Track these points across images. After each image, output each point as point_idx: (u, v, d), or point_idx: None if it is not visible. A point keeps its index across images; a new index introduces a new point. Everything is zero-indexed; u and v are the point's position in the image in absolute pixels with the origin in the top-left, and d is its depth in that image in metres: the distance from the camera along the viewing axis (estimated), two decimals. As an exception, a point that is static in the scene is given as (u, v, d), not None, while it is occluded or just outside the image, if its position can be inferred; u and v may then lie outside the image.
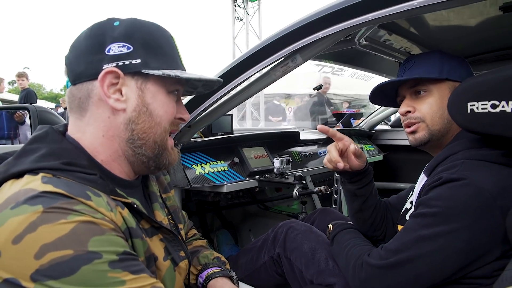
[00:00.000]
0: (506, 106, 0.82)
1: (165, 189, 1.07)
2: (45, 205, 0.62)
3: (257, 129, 3.26)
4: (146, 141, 0.81)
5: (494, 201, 0.86)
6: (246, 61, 1.18)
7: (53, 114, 1.36)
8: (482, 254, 0.88)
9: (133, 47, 0.77)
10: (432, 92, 1.12)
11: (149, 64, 0.78)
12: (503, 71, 0.84)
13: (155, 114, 0.81)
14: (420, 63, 1.15)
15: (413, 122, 1.15)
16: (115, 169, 0.83)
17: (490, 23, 1.35)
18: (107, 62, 0.76)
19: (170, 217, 1.01)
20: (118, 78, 0.76)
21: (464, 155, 0.98)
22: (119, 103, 0.77)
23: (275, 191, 2.29)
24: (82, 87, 0.78)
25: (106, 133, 0.79)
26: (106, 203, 0.70)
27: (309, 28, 1.04)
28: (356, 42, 1.37)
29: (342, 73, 2.14)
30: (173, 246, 0.90)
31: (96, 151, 0.80)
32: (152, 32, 0.81)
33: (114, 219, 0.69)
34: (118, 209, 0.72)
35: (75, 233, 0.62)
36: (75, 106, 0.80)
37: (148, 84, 0.80)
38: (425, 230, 0.92)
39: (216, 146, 1.79)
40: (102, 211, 0.67)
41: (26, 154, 0.73)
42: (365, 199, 1.29)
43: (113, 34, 0.77)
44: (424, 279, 0.93)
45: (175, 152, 0.91)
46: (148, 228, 0.83)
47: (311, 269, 1.26)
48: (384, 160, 2.92)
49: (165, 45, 0.82)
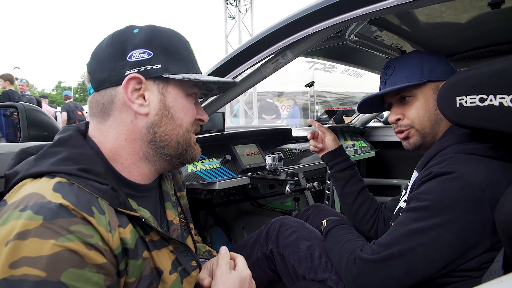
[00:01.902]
0: (494, 100, 0.83)
1: (180, 187, 1.09)
2: (45, 218, 0.62)
3: (250, 126, 3.25)
4: (169, 143, 0.84)
5: (482, 194, 0.87)
6: (237, 58, 1.18)
7: (42, 112, 1.34)
8: (472, 246, 0.89)
9: (153, 53, 0.79)
10: (417, 96, 1.15)
11: (169, 68, 0.80)
12: (491, 65, 0.84)
13: (176, 116, 0.83)
14: (400, 69, 1.17)
15: (403, 130, 1.18)
16: (133, 172, 0.84)
17: (479, 20, 1.36)
18: (129, 69, 0.78)
19: (182, 216, 1.02)
20: (141, 84, 0.79)
21: (453, 150, 1.00)
22: (143, 107, 0.79)
23: (268, 188, 2.29)
24: (106, 93, 0.80)
25: (129, 136, 0.81)
26: (107, 222, 0.70)
27: (299, 24, 1.05)
28: (346, 38, 1.37)
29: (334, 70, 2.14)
30: (185, 256, 0.90)
31: (118, 154, 0.81)
32: (171, 38, 0.83)
33: (110, 241, 0.69)
34: (118, 230, 0.72)
35: (56, 259, 0.61)
36: (98, 111, 0.81)
37: (169, 88, 0.82)
38: (416, 224, 0.93)
39: (208, 143, 1.79)
40: (101, 230, 0.68)
41: (48, 156, 0.74)
42: (344, 183, 1.43)
43: (134, 41, 0.79)
44: (416, 273, 0.94)
45: (198, 147, 0.93)
46: (158, 240, 0.83)
47: (303, 264, 1.26)
48: (377, 156, 2.94)
49: (182, 50, 0.85)
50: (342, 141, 2.71)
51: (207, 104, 1.39)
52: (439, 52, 1.20)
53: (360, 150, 2.78)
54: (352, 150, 2.71)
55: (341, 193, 1.45)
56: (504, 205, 0.79)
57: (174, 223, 0.94)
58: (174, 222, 0.94)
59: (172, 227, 0.93)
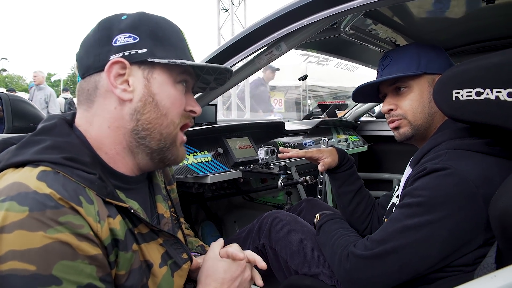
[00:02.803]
0: (491, 94, 0.82)
1: (170, 181, 1.06)
2: (32, 209, 0.60)
3: (242, 119, 3.24)
4: (151, 132, 0.80)
5: (477, 190, 0.87)
6: (230, 49, 1.16)
7: (27, 103, 1.31)
8: (466, 242, 0.89)
9: (139, 37, 0.77)
10: (412, 87, 1.14)
11: (155, 53, 0.77)
12: (488, 58, 0.83)
13: (161, 105, 0.80)
14: (398, 60, 1.17)
15: (395, 120, 1.17)
16: (118, 163, 0.81)
17: (473, 15, 1.36)
18: (113, 53, 0.76)
19: (173, 210, 1.00)
20: (125, 69, 0.76)
21: (447, 146, 0.99)
22: (126, 93, 0.77)
23: (260, 182, 2.28)
24: (90, 79, 0.78)
25: (112, 124, 0.78)
26: (96, 212, 0.68)
27: (294, 15, 1.03)
28: (341, 30, 1.36)
29: (328, 63, 2.14)
30: (175, 249, 0.88)
31: (102, 143, 0.79)
32: (160, 24, 0.81)
33: (99, 231, 0.67)
34: (108, 220, 0.70)
35: (46, 251, 0.59)
36: (83, 98, 0.80)
37: (155, 74, 0.79)
38: (409, 220, 0.93)
39: (199, 136, 1.77)
40: (90, 220, 0.65)
41: (30, 145, 0.71)
42: (342, 182, 1.42)
43: (120, 26, 0.77)
44: (409, 269, 0.94)
45: (183, 150, 0.89)
46: (147, 232, 0.81)
47: (295, 259, 1.25)
48: (369, 150, 2.94)
49: (173, 37, 0.82)
50: (335, 135, 2.71)
51: (199, 96, 1.36)
52: (438, 46, 1.19)
53: (352, 144, 2.78)
54: (344, 144, 2.71)
55: (337, 192, 1.44)
56: (498, 200, 0.79)
57: (165, 217, 0.92)
58: (165, 216, 0.92)
59: (163, 220, 0.91)
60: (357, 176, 1.43)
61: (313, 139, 2.48)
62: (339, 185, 1.41)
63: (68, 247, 0.61)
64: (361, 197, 1.41)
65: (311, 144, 2.43)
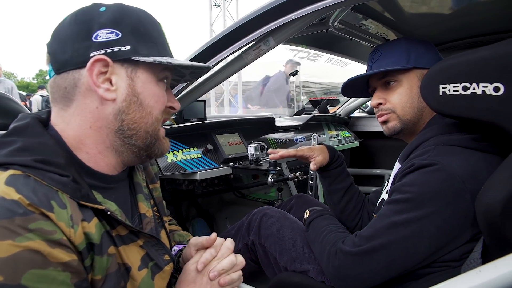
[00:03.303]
0: (477, 89, 0.82)
1: (152, 179, 1.04)
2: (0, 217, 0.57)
3: (233, 116, 3.22)
4: (137, 132, 0.78)
5: (464, 186, 0.87)
6: (218, 44, 1.14)
7: (12, 100, 1.28)
8: (453, 238, 0.89)
9: (121, 33, 0.73)
10: (401, 82, 1.13)
11: (138, 51, 0.74)
12: (474, 53, 0.83)
13: (145, 103, 0.77)
14: (387, 54, 1.16)
15: (384, 114, 1.17)
16: (100, 162, 0.78)
17: (463, 10, 1.35)
18: (94, 50, 0.72)
19: (155, 209, 0.97)
20: (107, 67, 0.72)
21: (435, 141, 0.99)
22: (109, 93, 0.73)
23: (251, 179, 2.27)
24: (68, 76, 0.73)
25: (94, 124, 0.75)
26: (69, 217, 0.65)
27: (281, 10, 1.02)
28: (330, 25, 1.35)
29: (318, 59, 2.12)
30: (156, 250, 0.86)
31: (82, 143, 0.76)
32: (141, 18, 0.77)
33: (72, 236, 0.64)
34: (82, 224, 0.67)
35: (15, 260, 0.57)
36: (59, 96, 0.75)
37: (138, 72, 0.76)
38: (398, 216, 0.93)
39: (188, 132, 1.75)
40: (62, 226, 0.63)
41: (0, 146, 0.68)
42: (332, 180, 1.40)
43: (100, 20, 0.73)
44: (397, 265, 0.94)
45: (167, 141, 0.88)
46: (126, 234, 0.78)
47: (285, 256, 1.25)
48: (361, 146, 2.95)
49: (153, 32, 0.79)
50: (326, 131, 2.71)
51: (187, 92, 1.35)
52: (428, 41, 1.19)
53: (344, 140, 2.79)
54: (336, 140, 2.71)
55: (328, 190, 1.43)
56: (483, 195, 0.79)
57: (147, 216, 0.90)
58: (147, 215, 0.90)
59: (145, 220, 0.89)
60: (347, 173, 1.42)
61: (304, 135, 2.48)
62: (329, 183, 1.40)
63: (38, 255, 0.59)
64: (351, 194, 1.40)
65: (302, 140, 2.43)
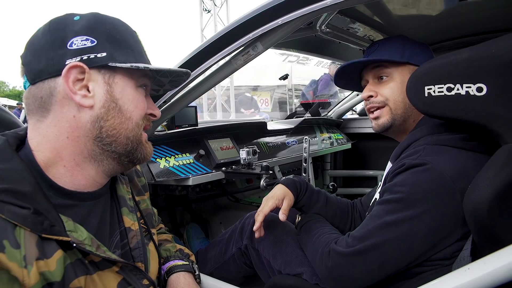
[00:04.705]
0: (461, 89, 0.83)
1: (139, 191, 1.02)
2: None
3: (225, 120, 3.22)
4: (117, 138, 0.77)
5: (454, 185, 0.88)
6: (206, 51, 1.15)
7: (3, 110, 1.27)
8: (444, 237, 0.90)
9: (97, 40, 0.73)
10: (393, 76, 1.14)
11: (115, 57, 0.74)
12: (457, 54, 0.84)
13: (124, 109, 0.77)
14: (383, 47, 1.18)
15: (375, 106, 1.17)
16: (78, 176, 0.77)
17: (449, 12, 1.37)
18: (70, 57, 0.71)
19: (142, 221, 0.96)
20: (84, 73, 0.72)
21: (425, 141, 1.00)
22: (86, 99, 0.73)
23: (245, 183, 2.27)
24: (44, 86, 0.72)
25: (71, 134, 0.74)
26: (23, 257, 0.62)
27: (268, 15, 1.03)
28: (317, 29, 1.36)
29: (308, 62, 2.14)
30: (134, 275, 0.83)
31: (59, 156, 0.74)
32: (116, 26, 0.77)
33: (25, 277, 0.61)
34: (37, 264, 0.64)
35: None
36: (35, 107, 0.74)
37: (116, 78, 0.76)
38: (389, 216, 0.94)
39: (180, 138, 1.75)
40: (13, 266, 0.60)
41: None
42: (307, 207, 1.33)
43: (75, 28, 0.73)
44: (390, 265, 0.94)
45: (150, 146, 0.87)
46: (100, 261, 0.75)
47: (278, 259, 1.25)
48: (353, 148, 2.96)
49: (129, 39, 0.79)
50: (318, 134, 2.72)
51: (178, 98, 1.35)
52: (426, 44, 1.21)
53: (336, 142, 2.80)
54: (328, 142, 2.72)
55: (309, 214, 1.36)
56: (471, 193, 0.80)
57: (133, 229, 0.89)
58: (133, 228, 0.89)
59: (130, 233, 0.88)
60: (317, 191, 1.37)
61: (296, 138, 2.48)
62: (307, 209, 1.34)
63: None
64: (332, 207, 1.36)
65: (294, 143, 2.43)
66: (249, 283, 1.50)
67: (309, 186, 1.36)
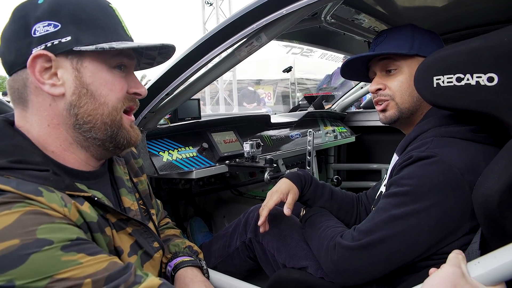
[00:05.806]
0: (471, 79, 0.81)
1: (136, 173, 1.02)
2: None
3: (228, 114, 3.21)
4: (94, 124, 0.76)
5: (463, 178, 0.86)
6: (209, 42, 1.13)
7: (5, 104, 1.26)
8: (452, 230, 0.88)
9: (60, 24, 0.70)
10: (402, 69, 1.12)
11: (81, 40, 0.71)
12: (467, 43, 0.82)
13: (97, 94, 0.75)
14: (392, 38, 1.15)
15: (383, 99, 1.15)
16: (69, 159, 0.77)
17: (456, 2, 1.35)
18: (35, 45, 0.69)
19: (141, 202, 0.97)
20: (50, 61, 0.70)
21: (433, 133, 0.99)
22: (56, 88, 0.71)
23: (249, 176, 2.26)
24: (18, 77, 0.72)
25: (51, 121, 0.74)
26: (60, 198, 0.65)
27: (273, 5, 1.01)
28: (322, 20, 1.34)
29: (312, 55, 2.12)
30: (145, 238, 0.86)
31: (46, 142, 0.74)
32: (82, 5, 0.73)
33: (67, 214, 0.65)
34: (74, 204, 0.67)
35: (21, 222, 0.58)
36: (16, 98, 0.74)
37: (85, 62, 0.73)
38: (396, 210, 0.92)
39: (183, 131, 1.74)
40: (54, 206, 0.63)
41: None
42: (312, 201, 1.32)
43: (36, 13, 0.70)
44: (396, 258, 0.93)
45: (135, 130, 0.85)
46: (115, 222, 0.78)
47: (283, 253, 1.24)
48: (357, 141, 2.94)
49: (100, 16, 0.75)
50: (322, 127, 2.70)
51: (181, 91, 1.34)
52: (435, 32, 1.18)
53: (340, 136, 2.78)
54: (332, 135, 2.70)
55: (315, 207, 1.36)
56: (481, 186, 0.78)
57: (132, 209, 0.89)
58: (132, 208, 0.89)
59: (130, 213, 0.88)
60: (322, 185, 1.36)
61: (300, 132, 2.47)
62: (312, 203, 1.33)
63: (40, 214, 0.60)
64: (337, 200, 1.35)
65: (298, 136, 2.42)
66: (254, 276, 1.50)
67: (314, 180, 1.34)
